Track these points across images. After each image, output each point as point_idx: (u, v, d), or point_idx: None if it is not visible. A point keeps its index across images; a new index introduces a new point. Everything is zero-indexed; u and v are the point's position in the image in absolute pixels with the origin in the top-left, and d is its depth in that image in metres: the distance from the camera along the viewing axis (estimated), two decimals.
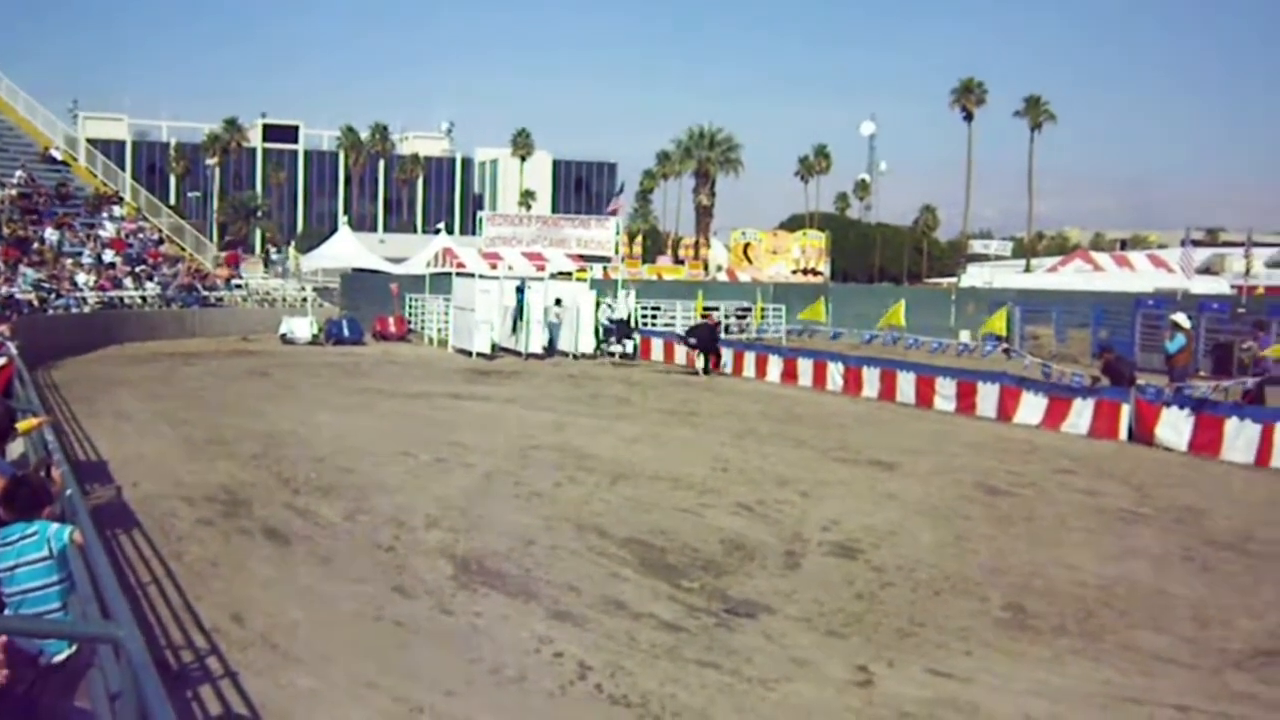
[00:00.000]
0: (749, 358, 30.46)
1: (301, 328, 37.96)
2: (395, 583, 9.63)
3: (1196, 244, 69.08)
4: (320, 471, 14.50)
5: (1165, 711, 7.16)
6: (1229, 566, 10.97)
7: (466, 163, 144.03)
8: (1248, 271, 50.79)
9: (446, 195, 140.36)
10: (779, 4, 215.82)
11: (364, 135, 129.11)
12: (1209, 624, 9.04)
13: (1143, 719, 7.09)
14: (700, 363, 30.30)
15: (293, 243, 79.67)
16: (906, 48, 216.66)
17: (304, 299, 44.57)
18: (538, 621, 8.64)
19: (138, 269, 41.52)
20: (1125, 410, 19.49)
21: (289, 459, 15.36)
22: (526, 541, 11.11)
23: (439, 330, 38.94)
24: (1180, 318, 23.32)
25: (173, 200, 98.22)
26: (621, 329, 33.96)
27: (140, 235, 45.15)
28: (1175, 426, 18.50)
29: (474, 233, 47.53)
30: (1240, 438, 17.44)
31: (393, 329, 40.13)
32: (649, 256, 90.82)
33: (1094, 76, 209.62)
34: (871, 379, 25.67)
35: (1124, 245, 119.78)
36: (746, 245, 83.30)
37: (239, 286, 46.40)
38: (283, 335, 37.93)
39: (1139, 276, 73.81)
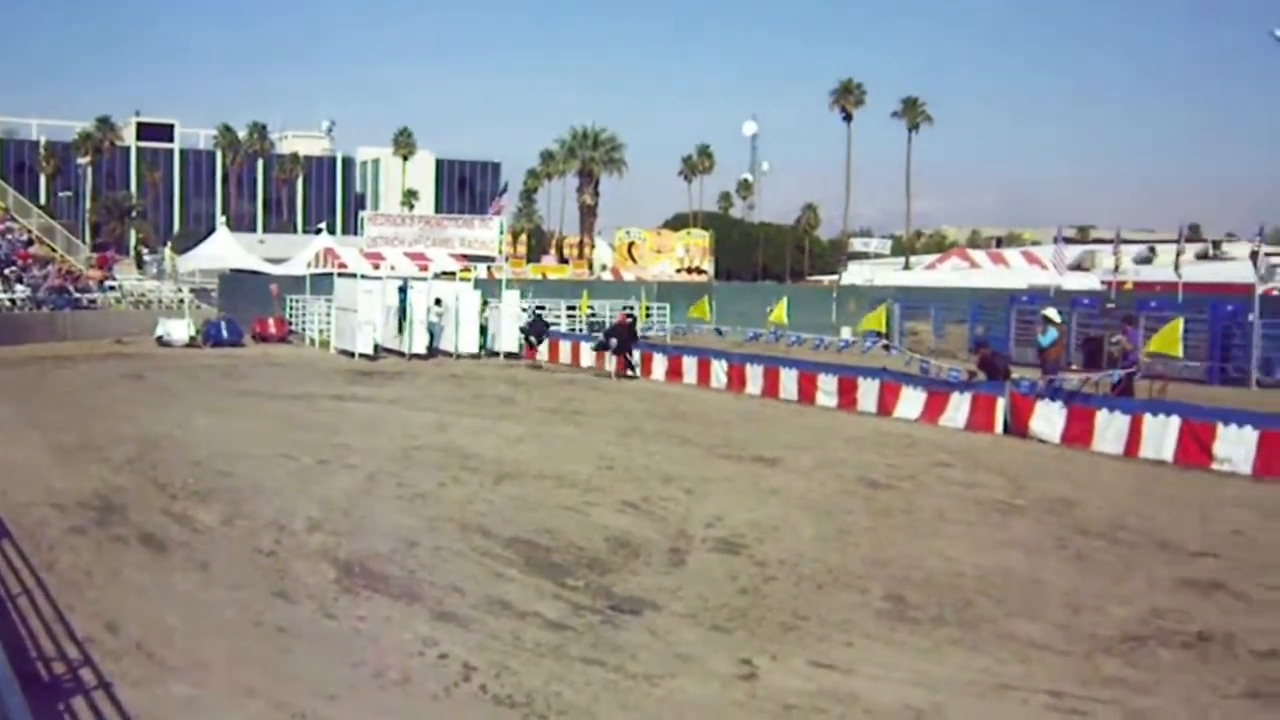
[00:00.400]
0: (634, 356, 30.53)
1: (178, 330, 37.14)
2: (276, 587, 9.46)
3: (1068, 241, 70.89)
4: (198, 476, 14.19)
5: (1039, 697, 7.34)
6: (1100, 555, 11.28)
7: (348, 162, 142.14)
8: (1117, 268, 52.32)
9: (328, 195, 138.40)
10: (661, 4, 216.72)
11: (242, 134, 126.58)
12: (1081, 611, 9.28)
13: (1018, 705, 7.25)
14: (609, 364, 29.43)
15: (169, 243, 77.84)
16: (787, 49, 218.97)
17: (181, 300, 43.60)
18: (422, 623, 8.55)
19: (6, 270, 40.24)
20: (1001, 404, 19.95)
21: (165, 463, 15.00)
22: (410, 543, 11.00)
23: (320, 331, 38.41)
24: (1051, 312, 23.92)
25: (43, 200, 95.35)
26: (537, 327, 33.98)
27: (9, 236, 43.78)
28: (1048, 419, 18.99)
29: (356, 233, 47.14)
30: (1110, 429, 17.95)
31: (273, 330, 39.44)
32: (533, 256, 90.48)
33: (969, 79, 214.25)
34: (755, 376, 25.93)
35: (999, 243, 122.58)
36: (631, 244, 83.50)
37: (113, 288, 45.24)
38: (159, 337, 37.06)
39: (1014, 273, 75.55)
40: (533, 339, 34.01)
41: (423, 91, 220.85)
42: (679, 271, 78.56)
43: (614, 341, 29.36)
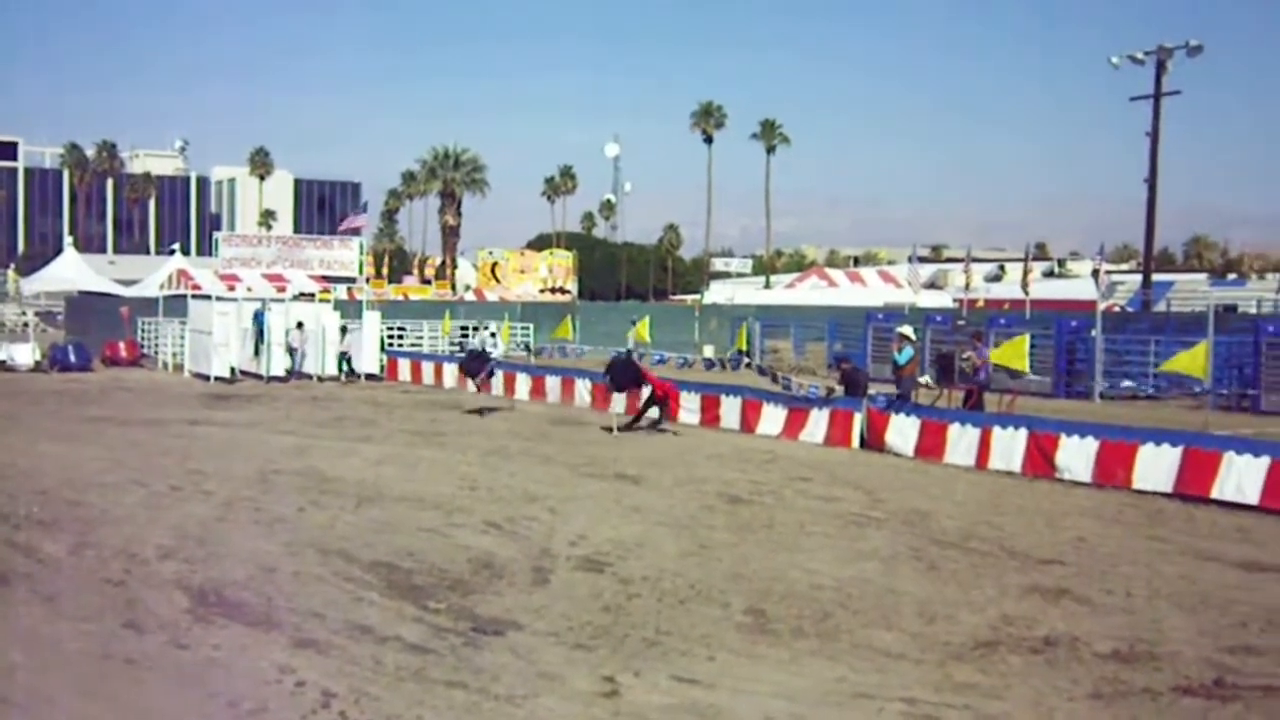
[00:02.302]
0: (497, 376, 30.40)
1: (22, 354, 35.85)
2: (126, 618, 9.17)
3: (922, 260, 72.83)
4: (43, 504, 13.70)
5: (895, 705, 7.49)
6: (953, 564, 11.58)
7: (202, 182, 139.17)
8: (968, 286, 53.82)
9: (181, 215, 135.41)
10: (523, 26, 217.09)
11: (90, 153, 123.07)
12: (935, 619, 9.51)
13: (874, 713, 7.40)
14: (618, 406, 23.07)
15: (12, 265, 75.17)
16: (648, 72, 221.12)
17: (25, 323, 42.14)
18: (279, 651, 8.38)
19: None
20: (858, 419, 20.35)
21: (7, 493, 14.43)
22: (268, 569, 10.78)
23: (174, 355, 37.47)
24: (907, 329, 24.52)
25: None
26: (473, 364, 27.06)
27: None
28: (903, 433, 19.43)
29: (211, 254, 46.18)
30: (962, 442, 18.45)
31: (124, 354, 38.36)
32: (395, 277, 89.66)
33: (825, 102, 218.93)
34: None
35: (856, 262, 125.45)
36: (494, 265, 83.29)
37: None
38: (1, 362, 35.74)
39: (871, 291, 77.34)
40: (475, 377, 26.48)
41: (280, 111, 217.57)
42: (543, 291, 78.58)
43: (608, 378, 23.34)
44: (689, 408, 23.89)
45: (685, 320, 53.09)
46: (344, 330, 34.69)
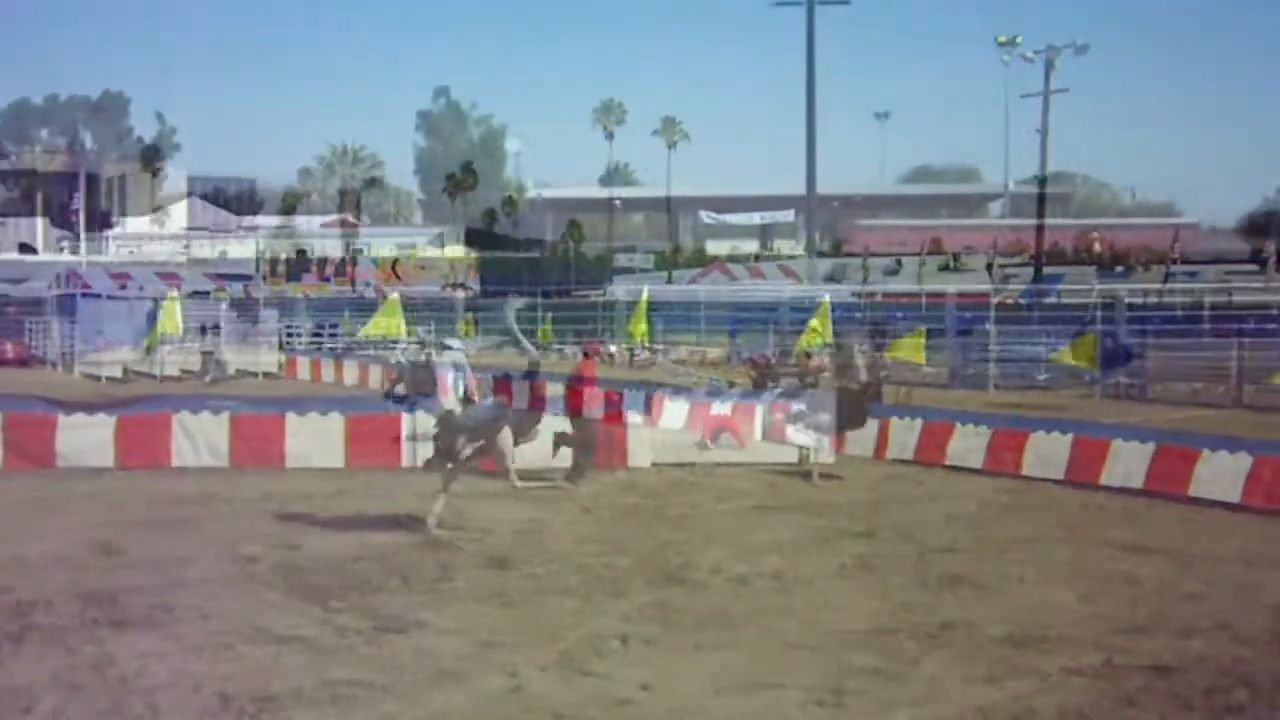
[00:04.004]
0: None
1: None
2: (14, 629, 8.93)
3: (821, 255, 73.78)
4: None
5: (795, 692, 7.61)
6: (853, 552, 11.77)
7: (92, 179, 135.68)
8: (865, 279, 54.66)
9: (71, 213, 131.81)
10: (416, 21, 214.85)
11: None
12: (836, 608, 9.68)
13: (775, 700, 7.51)
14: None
15: None
16: (545, 66, 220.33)
17: None
18: (175, 655, 8.24)
19: None
20: (760, 412, 20.46)
21: None
22: (165, 572, 10.59)
23: (64, 355, 36.63)
24: (816, 323, 24.81)
25: None
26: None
27: None
28: None
29: (103, 252, 45.17)
30: (861, 433, 18.65)
31: (10, 354, 37.42)
32: (293, 274, 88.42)
33: (723, 97, 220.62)
34: (521, 393, 25.90)
35: (758, 258, 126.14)
36: (394, 261, 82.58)
37: None
38: None
39: (771, 286, 77.92)
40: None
41: (173, 107, 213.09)
42: (444, 289, 78.02)
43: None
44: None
45: (587, 316, 53.17)
46: (216, 329, 33.47)
